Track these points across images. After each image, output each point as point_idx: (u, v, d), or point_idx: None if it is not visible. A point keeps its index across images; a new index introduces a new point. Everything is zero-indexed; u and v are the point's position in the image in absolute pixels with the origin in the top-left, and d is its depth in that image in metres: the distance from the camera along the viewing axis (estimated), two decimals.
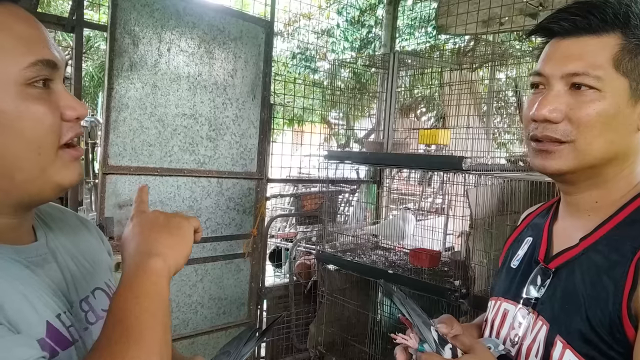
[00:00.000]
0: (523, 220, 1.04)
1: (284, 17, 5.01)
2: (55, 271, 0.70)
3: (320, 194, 3.27)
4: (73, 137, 0.66)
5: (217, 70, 2.58)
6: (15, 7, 0.63)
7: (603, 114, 0.74)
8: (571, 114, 0.76)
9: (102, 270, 0.82)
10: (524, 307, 0.86)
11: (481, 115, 3.26)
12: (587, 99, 0.75)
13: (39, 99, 0.62)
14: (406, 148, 3.17)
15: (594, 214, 0.82)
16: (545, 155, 0.79)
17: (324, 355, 3.03)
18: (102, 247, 0.88)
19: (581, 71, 0.75)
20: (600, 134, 0.75)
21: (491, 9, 2.76)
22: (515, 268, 0.94)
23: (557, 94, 0.77)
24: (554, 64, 0.78)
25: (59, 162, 0.65)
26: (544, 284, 0.83)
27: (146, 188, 0.75)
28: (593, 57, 0.75)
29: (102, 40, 7.49)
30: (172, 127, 2.43)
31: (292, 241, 3.60)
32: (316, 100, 3.72)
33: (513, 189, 2.23)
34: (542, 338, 0.80)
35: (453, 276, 2.34)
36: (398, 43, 4.30)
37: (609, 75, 0.74)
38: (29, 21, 0.63)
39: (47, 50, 0.63)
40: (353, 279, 2.96)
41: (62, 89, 0.66)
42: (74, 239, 0.80)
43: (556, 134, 0.77)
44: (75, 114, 0.65)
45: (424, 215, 3.92)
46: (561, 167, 0.78)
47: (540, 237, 0.91)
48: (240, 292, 2.83)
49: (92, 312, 0.74)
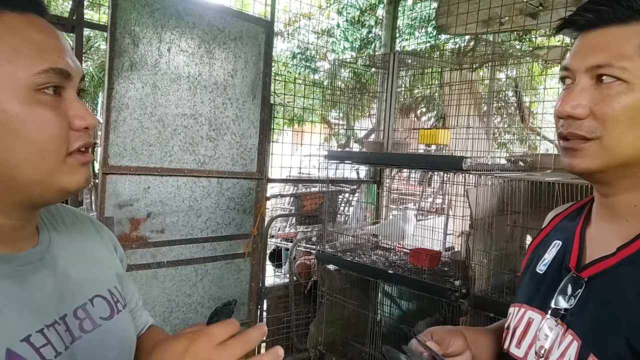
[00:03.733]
0: (550, 221, 0.96)
1: (284, 17, 5.02)
2: (47, 280, 0.68)
3: (320, 194, 3.27)
4: (81, 147, 0.66)
5: (217, 70, 2.58)
6: (36, 17, 0.65)
7: (630, 107, 0.69)
8: (595, 109, 0.71)
9: (107, 277, 0.81)
10: (551, 318, 0.79)
11: (481, 115, 3.25)
12: (613, 92, 0.69)
13: (47, 106, 0.62)
14: (406, 148, 3.17)
15: (632, 219, 0.75)
16: (572, 154, 0.74)
17: (324, 355, 3.03)
18: (114, 254, 0.87)
19: (604, 62, 0.70)
20: (629, 129, 0.69)
21: (491, 9, 2.76)
22: (542, 274, 0.87)
23: (582, 88, 0.72)
24: (579, 57, 0.74)
25: (66, 168, 0.64)
26: (575, 294, 0.76)
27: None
28: (619, 47, 0.69)
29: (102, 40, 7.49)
30: (172, 127, 2.43)
31: (292, 241, 3.61)
32: (316, 100, 3.72)
33: (513, 189, 2.23)
34: (573, 355, 0.73)
35: (453, 276, 2.34)
36: (398, 43, 4.30)
37: (636, 65, 0.68)
38: (47, 30, 0.65)
39: (62, 59, 0.64)
40: (353, 279, 2.96)
41: (75, 98, 0.66)
42: (82, 244, 0.80)
43: (581, 130, 0.72)
44: (83, 123, 0.65)
45: (424, 215, 3.92)
46: (588, 165, 0.73)
47: (572, 241, 0.84)
48: (240, 292, 2.83)
49: (89, 319, 0.72)
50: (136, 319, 0.91)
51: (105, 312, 0.75)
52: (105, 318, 0.75)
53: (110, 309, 0.76)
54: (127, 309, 0.82)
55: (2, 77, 0.59)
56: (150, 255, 2.42)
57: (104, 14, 4.71)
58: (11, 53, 0.60)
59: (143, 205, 2.38)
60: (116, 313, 0.77)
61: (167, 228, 2.47)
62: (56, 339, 0.65)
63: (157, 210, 2.43)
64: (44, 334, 0.63)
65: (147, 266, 2.41)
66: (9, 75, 0.60)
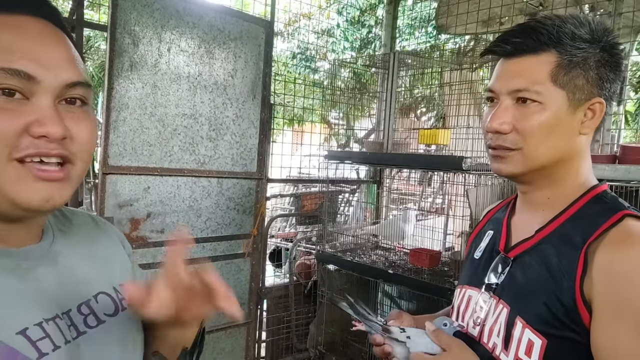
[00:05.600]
0: (484, 216, 1.14)
1: (284, 17, 5.02)
2: (48, 275, 0.69)
3: (320, 194, 3.27)
4: (33, 155, 0.60)
5: (217, 70, 2.58)
6: (27, 19, 0.63)
7: (544, 123, 0.85)
8: (518, 125, 0.86)
9: (112, 275, 0.81)
10: (485, 292, 0.95)
11: (481, 115, 3.25)
12: (530, 111, 0.85)
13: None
14: (406, 148, 3.17)
15: (547, 208, 0.92)
16: (500, 160, 0.91)
17: (324, 355, 3.03)
18: (121, 251, 0.87)
19: (523, 87, 0.85)
20: (543, 141, 0.86)
21: (491, 9, 2.76)
22: (478, 258, 1.03)
23: (505, 107, 0.88)
24: (501, 81, 0.89)
25: (10, 173, 0.60)
26: (503, 271, 0.93)
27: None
28: (533, 74, 0.85)
29: (102, 40, 7.49)
30: (172, 127, 2.43)
31: (292, 241, 3.61)
32: (316, 100, 3.72)
33: (513, 189, 2.23)
34: (504, 319, 0.89)
35: (453, 276, 2.35)
36: (398, 43, 4.30)
37: (547, 89, 0.84)
38: (26, 32, 0.62)
39: (24, 61, 0.60)
40: (353, 279, 2.96)
41: (45, 105, 0.62)
42: (87, 242, 0.80)
43: (506, 142, 0.88)
44: (40, 130, 0.60)
45: (424, 215, 3.92)
46: (513, 170, 0.90)
47: (500, 229, 1.01)
48: (240, 292, 2.83)
49: (93, 315, 0.73)
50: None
51: (110, 309, 0.76)
52: (110, 314, 0.75)
53: (114, 305, 0.77)
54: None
55: None
56: (151, 256, 2.42)
57: (104, 14, 4.72)
58: None
59: (143, 205, 2.38)
60: (121, 310, 0.77)
61: (167, 228, 2.47)
62: (56, 332, 0.65)
63: (157, 210, 2.43)
64: (43, 328, 0.63)
65: (148, 266, 2.40)
66: None
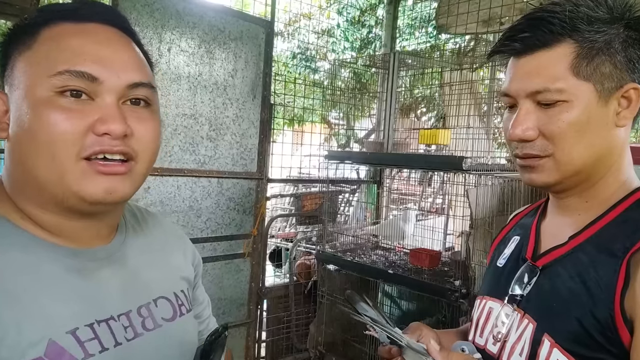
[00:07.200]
0: (511, 220, 1.05)
1: (284, 17, 5.01)
2: (113, 277, 0.70)
3: (320, 194, 3.27)
4: (97, 153, 0.63)
5: (218, 70, 2.58)
6: (94, 26, 0.66)
7: (574, 122, 0.74)
8: (544, 129, 0.76)
9: (174, 280, 0.82)
10: (508, 305, 0.85)
11: (481, 115, 3.25)
12: (556, 112, 0.75)
13: (61, 108, 0.62)
14: (406, 148, 3.17)
15: (584, 213, 0.81)
16: (530, 170, 0.81)
17: (324, 355, 3.03)
18: (187, 260, 0.88)
19: (542, 88, 0.75)
20: (576, 142, 0.75)
21: (491, 8, 2.76)
22: (502, 267, 0.93)
23: (527, 111, 0.78)
24: (516, 83, 0.79)
25: (77, 172, 0.63)
26: (530, 281, 0.83)
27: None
28: (551, 70, 0.75)
29: None
30: (172, 127, 2.43)
31: (292, 241, 3.61)
32: (316, 100, 3.72)
33: (513, 189, 2.23)
34: (529, 336, 0.79)
35: (453, 276, 2.34)
36: (398, 43, 4.29)
37: (570, 84, 0.74)
38: (90, 37, 0.65)
39: (87, 62, 0.63)
40: (353, 279, 2.96)
41: (109, 104, 0.64)
42: (157, 247, 0.82)
43: (534, 150, 0.78)
44: (103, 128, 0.62)
45: (424, 215, 3.92)
46: (546, 180, 0.79)
47: (528, 235, 0.90)
48: (240, 292, 2.83)
49: (151, 319, 0.74)
50: (202, 329, 0.91)
51: (168, 314, 0.76)
52: (167, 319, 0.76)
53: (173, 311, 0.78)
54: (192, 314, 0.84)
55: (28, 80, 0.63)
56: None
57: None
58: (42, 57, 0.63)
59: (143, 206, 2.37)
60: (179, 316, 0.78)
61: None
62: (106, 334, 0.66)
63: (157, 210, 2.43)
64: (93, 329, 0.64)
65: None
66: (32, 77, 0.63)
